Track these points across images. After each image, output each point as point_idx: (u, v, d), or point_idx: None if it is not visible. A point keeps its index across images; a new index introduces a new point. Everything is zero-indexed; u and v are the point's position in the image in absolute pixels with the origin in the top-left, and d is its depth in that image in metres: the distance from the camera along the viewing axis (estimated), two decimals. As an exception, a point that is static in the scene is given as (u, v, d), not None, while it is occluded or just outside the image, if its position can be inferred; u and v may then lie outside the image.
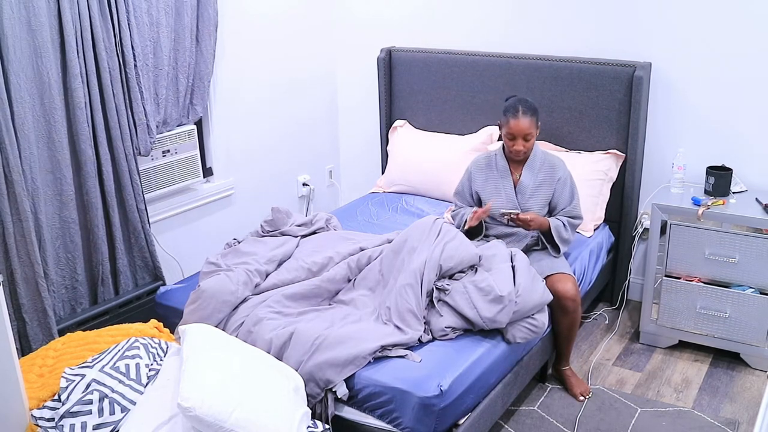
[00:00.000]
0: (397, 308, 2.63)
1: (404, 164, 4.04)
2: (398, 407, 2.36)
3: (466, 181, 3.22)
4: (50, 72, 2.74)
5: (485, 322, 2.59)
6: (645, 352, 3.44)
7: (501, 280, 2.66)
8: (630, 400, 3.07)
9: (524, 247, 3.08)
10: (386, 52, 4.11)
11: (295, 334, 2.54)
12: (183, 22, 3.25)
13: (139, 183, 3.14)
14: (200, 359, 2.13)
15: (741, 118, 3.40)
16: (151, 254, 3.26)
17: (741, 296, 3.18)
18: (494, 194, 3.12)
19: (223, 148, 3.78)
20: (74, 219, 2.94)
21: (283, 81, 4.08)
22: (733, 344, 3.28)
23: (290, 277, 2.91)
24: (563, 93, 3.65)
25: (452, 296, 2.65)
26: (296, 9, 4.08)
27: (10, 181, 2.64)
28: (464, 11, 3.97)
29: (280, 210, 3.35)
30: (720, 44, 3.35)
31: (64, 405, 2.06)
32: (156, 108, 3.22)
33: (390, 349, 2.50)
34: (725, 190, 3.32)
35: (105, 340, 2.44)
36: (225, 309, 2.71)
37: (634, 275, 3.82)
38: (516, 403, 3.04)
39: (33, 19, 2.66)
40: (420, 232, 2.90)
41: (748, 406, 3.03)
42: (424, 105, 4.09)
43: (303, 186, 4.38)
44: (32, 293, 2.78)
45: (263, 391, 2.17)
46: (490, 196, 3.12)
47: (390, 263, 2.90)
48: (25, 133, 2.69)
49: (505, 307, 2.59)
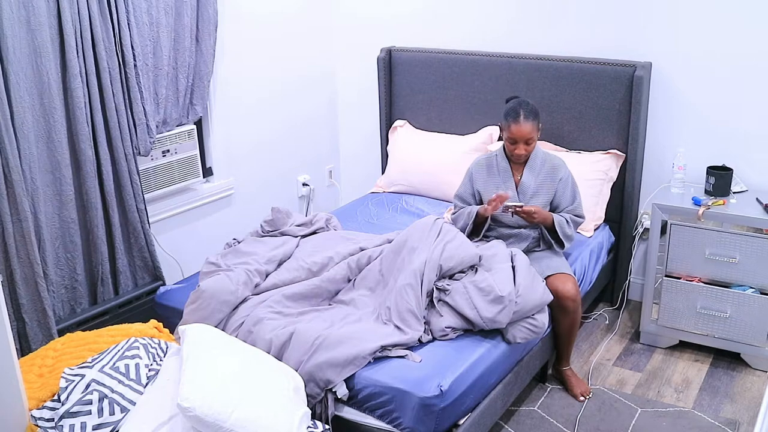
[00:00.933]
0: (397, 308, 2.63)
1: (404, 164, 4.03)
2: (398, 407, 2.35)
3: (468, 182, 3.21)
4: (50, 72, 2.74)
5: (485, 323, 2.59)
6: (645, 352, 3.44)
7: (501, 280, 2.66)
8: (630, 400, 3.07)
9: (525, 248, 3.08)
10: (386, 52, 4.11)
11: (295, 334, 2.54)
12: (183, 21, 3.24)
13: (138, 183, 3.14)
14: (200, 359, 2.13)
15: (741, 118, 3.40)
16: (150, 254, 3.26)
17: (741, 296, 3.18)
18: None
19: (223, 148, 3.78)
20: (74, 219, 2.94)
21: (283, 81, 4.08)
22: (734, 344, 3.27)
23: (290, 277, 2.91)
24: (563, 93, 3.65)
25: (452, 296, 2.65)
26: (296, 9, 4.08)
27: (10, 181, 2.63)
28: (464, 11, 3.96)
29: (280, 210, 3.35)
30: (720, 44, 3.35)
31: (63, 405, 2.05)
32: (156, 108, 3.21)
33: (390, 349, 2.50)
34: (725, 190, 3.31)
35: (105, 341, 2.43)
36: (225, 309, 2.71)
37: (635, 275, 3.81)
38: (516, 403, 3.04)
39: (32, 18, 2.66)
40: (420, 232, 2.89)
41: (748, 407, 3.03)
42: (424, 105, 4.09)
43: (303, 186, 4.38)
44: (32, 293, 2.77)
45: (263, 392, 2.17)
46: (491, 196, 3.11)
47: (390, 263, 2.89)
48: (24, 133, 2.69)
49: (506, 307, 2.59)
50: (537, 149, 3.10)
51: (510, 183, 3.10)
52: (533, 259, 3.01)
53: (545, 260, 3.04)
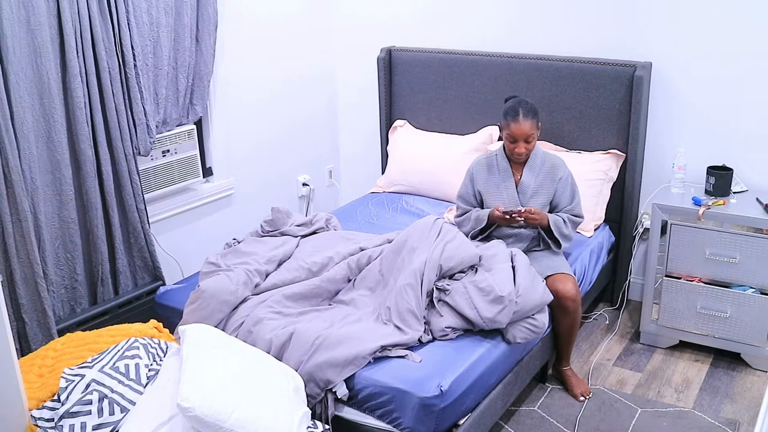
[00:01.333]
0: (397, 308, 2.63)
1: (404, 164, 4.03)
2: (398, 407, 2.35)
3: (469, 182, 3.21)
4: (50, 72, 2.74)
5: (485, 323, 2.59)
6: (645, 353, 3.44)
7: (501, 280, 2.66)
8: (630, 400, 3.07)
9: (525, 248, 3.08)
10: (386, 52, 4.11)
11: (294, 334, 2.53)
12: (183, 21, 3.24)
13: (138, 183, 3.14)
14: (200, 359, 2.13)
15: (741, 117, 3.40)
16: (150, 254, 3.26)
17: (741, 296, 3.18)
18: (496, 194, 3.11)
19: (223, 148, 3.77)
20: (74, 219, 2.93)
21: (283, 81, 4.08)
22: (734, 344, 3.27)
23: (290, 277, 2.90)
24: (563, 93, 3.65)
25: (452, 296, 2.65)
26: (296, 9, 4.07)
27: (10, 181, 2.63)
28: (464, 11, 3.96)
29: (280, 210, 3.35)
30: (720, 44, 3.34)
31: (63, 405, 2.05)
32: (156, 108, 3.21)
33: (390, 349, 2.50)
34: (726, 190, 3.31)
35: (105, 341, 2.43)
36: (225, 309, 2.70)
37: (635, 275, 3.81)
38: (516, 403, 3.04)
39: (32, 18, 2.66)
40: (420, 232, 2.89)
41: (748, 407, 3.03)
42: (424, 105, 4.09)
43: (303, 186, 4.38)
44: (32, 293, 2.77)
45: (263, 392, 2.17)
46: (492, 196, 3.11)
47: (390, 263, 2.89)
48: (24, 133, 2.69)
49: (506, 307, 2.59)
50: (537, 149, 3.10)
51: (510, 183, 3.10)
52: (533, 259, 3.00)
53: (545, 260, 3.04)
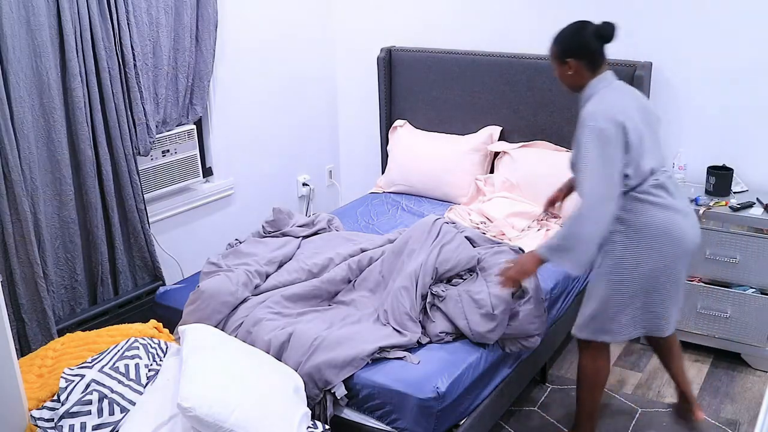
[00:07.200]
0: (393, 311, 2.62)
1: (404, 164, 4.03)
2: (397, 409, 2.35)
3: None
4: (49, 72, 2.74)
5: (474, 336, 2.55)
6: (645, 352, 3.44)
7: (497, 294, 2.56)
8: (630, 400, 3.06)
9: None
10: (386, 52, 4.10)
11: (293, 335, 2.53)
12: (183, 21, 3.24)
13: (138, 183, 3.14)
14: (200, 360, 2.13)
15: (742, 118, 3.39)
16: (150, 254, 3.26)
17: (742, 296, 3.18)
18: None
19: (223, 148, 3.77)
20: (73, 219, 2.93)
21: (282, 81, 4.07)
22: (734, 344, 3.27)
23: (290, 278, 2.90)
24: (563, 93, 3.63)
25: (446, 303, 2.63)
26: (296, 9, 4.07)
27: (9, 181, 2.63)
28: (464, 11, 3.96)
29: (281, 210, 3.34)
30: (720, 44, 3.34)
31: (63, 405, 2.05)
32: (156, 108, 3.21)
33: (388, 350, 2.49)
34: (726, 190, 3.31)
35: (104, 341, 2.43)
36: (224, 309, 2.70)
37: (635, 275, 3.80)
38: (516, 403, 3.03)
39: (32, 18, 2.65)
40: (420, 233, 2.88)
41: (748, 407, 3.02)
42: (424, 105, 4.09)
43: (303, 186, 4.38)
44: (31, 293, 2.77)
45: (263, 392, 2.17)
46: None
47: (390, 265, 2.89)
48: (24, 133, 2.68)
49: (498, 326, 2.53)
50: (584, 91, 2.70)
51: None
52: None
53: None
